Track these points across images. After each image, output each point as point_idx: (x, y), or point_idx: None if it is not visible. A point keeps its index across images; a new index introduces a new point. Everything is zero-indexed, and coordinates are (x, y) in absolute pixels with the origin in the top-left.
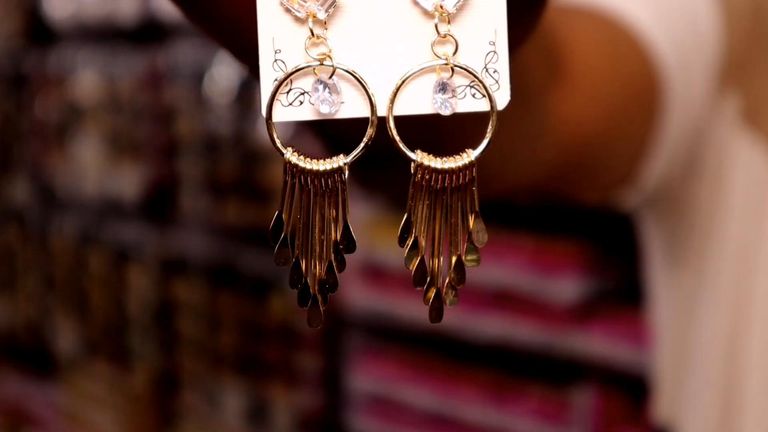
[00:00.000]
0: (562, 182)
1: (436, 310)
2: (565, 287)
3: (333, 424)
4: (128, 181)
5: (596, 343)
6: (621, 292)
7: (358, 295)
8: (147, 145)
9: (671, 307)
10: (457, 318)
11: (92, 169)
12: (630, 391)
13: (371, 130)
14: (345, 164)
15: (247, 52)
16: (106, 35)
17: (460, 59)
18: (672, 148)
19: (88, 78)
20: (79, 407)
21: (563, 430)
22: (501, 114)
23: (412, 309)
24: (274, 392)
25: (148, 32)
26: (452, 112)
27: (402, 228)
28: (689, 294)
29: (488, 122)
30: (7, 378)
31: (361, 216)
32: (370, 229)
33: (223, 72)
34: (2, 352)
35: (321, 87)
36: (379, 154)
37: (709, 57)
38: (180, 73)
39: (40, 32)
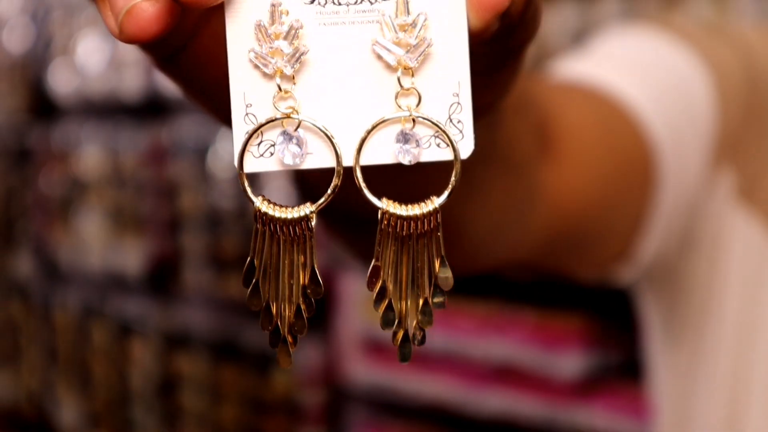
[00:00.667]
0: (557, 257)
1: (405, 350)
2: (568, 362)
3: None
4: (131, 256)
5: (599, 418)
6: (624, 366)
7: (359, 369)
8: (150, 219)
9: (670, 383)
10: (459, 392)
11: (95, 243)
12: None
13: (337, 180)
14: (311, 212)
15: (221, 108)
16: (109, 111)
17: (424, 110)
18: (667, 223)
19: (91, 153)
20: None
21: None
22: (466, 166)
23: (414, 383)
24: None
25: (152, 108)
26: (415, 162)
27: (370, 273)
28: (688, 370)
29: (453, 171)
30: None
31: (361, 291)
32: (371, 303)
33: (227, 147)
34: (5, 425)
35: (287, 139)
36: (350, 208)
37: (704, 133)
38: (183, 149)
39: (44, 107)
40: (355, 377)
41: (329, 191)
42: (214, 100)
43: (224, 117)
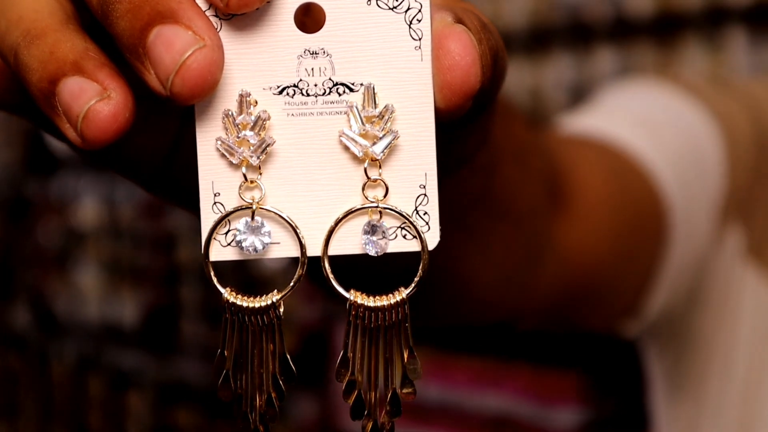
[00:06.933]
0: (566, 310)
1: None
2: (563, 416)
3: None
4: (128, 307)
5: None
6: (619, 420)
7: (355, 423)
8: (147, 271)
9: None
10: None
11: (92, 294)
12: None
13: (301, 270)
14: (278, 300)
15: (190, 194)
16: None
17: (392, 201)
18: (675, 279)
19: (89, 204)
20: None
21: None
22: (463, 211)
23: None
24: None
25: None
26: (382, 252)
27: (338, 364)
28: (691, 423)
29: (421, 261)
30: None
31: None
32: None
33: None
34: None
35: (249, 229)
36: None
37: (713, 191)
38: None
39: (41, 159)
40: (352, 427)
41: (293, 282)
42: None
43: (193, 206)
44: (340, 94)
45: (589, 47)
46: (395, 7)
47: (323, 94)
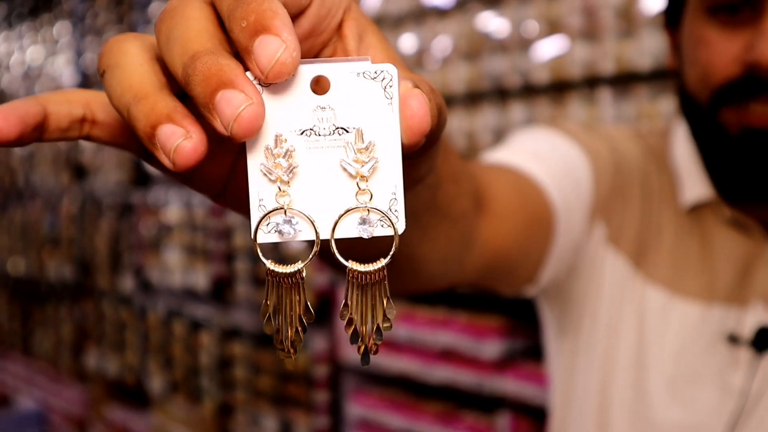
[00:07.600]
0: (486, 281)
1: (365, 357)
2: (490, 347)
3: None
4: (201, 276)
5: (511, 385)
6: (528, 350)
7: (352, 351)
8: (213, 252)
9: (560, 363)
10: (417, 367)
11: (176, 268)
12: (536, 418)
13: (316, 248)
14: (302, 267)
15: (242, 203)
16: None
17: (374, 203)
18: (559, 259)
19: (174, 207)
20: (166, 429)
21: None
22: (418, 217)
23: (388, 360)
24: (297, 417)
25: None
26: (370, 236)
27: (342, 308)
28: (571, 355)
29: (394, 241)
30: (117, 409)
31: None
32: None
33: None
34: (114, 392)
35: (284, 221)
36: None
37: (584, 199)
38: None
39: (142, 177)
40: (349, 357)
41: (311, 255)
42: (246, 208)
43: (245, 209)
44: (340, 134)
45: (507, 104)
46: (375, 78)
47: (329, 134)
